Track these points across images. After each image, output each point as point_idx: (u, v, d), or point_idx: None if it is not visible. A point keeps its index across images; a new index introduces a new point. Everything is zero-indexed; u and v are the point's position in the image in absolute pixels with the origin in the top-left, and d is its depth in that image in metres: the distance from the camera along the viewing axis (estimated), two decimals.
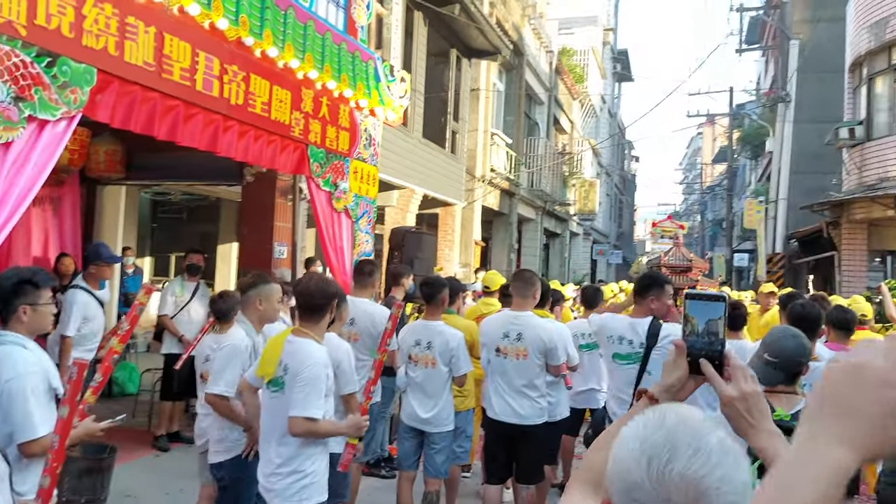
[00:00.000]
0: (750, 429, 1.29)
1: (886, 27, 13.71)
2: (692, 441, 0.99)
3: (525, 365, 4.68)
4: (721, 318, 1.39)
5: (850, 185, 15.13)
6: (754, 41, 27.39)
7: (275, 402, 3.32)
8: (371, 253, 6.87)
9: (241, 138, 5.18)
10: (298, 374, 3.21)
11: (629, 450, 1.02)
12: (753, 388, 1.34)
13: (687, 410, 1.08)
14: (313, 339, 3.34)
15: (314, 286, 3.43)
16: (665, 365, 1.44)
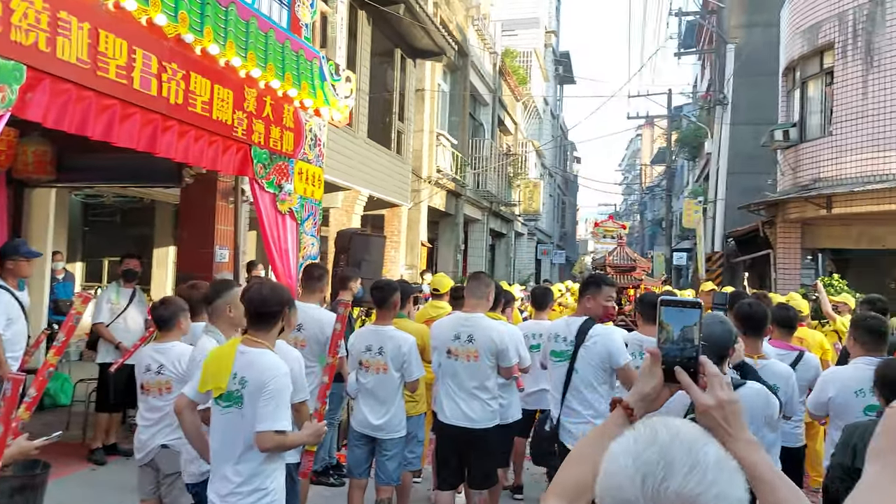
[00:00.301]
0: (728, 437, 1.25)
1: (818, 32, 14.15)
2: (687, 457, 0.95)
3: (476, 367, 4.62)
4: (696, 324, 1.35)
5: (784, 185, 15.57)
6: (692, 45, 28.01)
7: (229, 419, 3.13)
8: (317, 256, 6.72)
9: (181, 138, 4.98)
10: (264, 387, 3.04)
11: (622, 466, 0.97)
12: (730, 395, 1.30)
13: (679, 424, 1.04)
14: (268, 349, 3.19)
15: (267, 292, 3.25)
16: (640, 373, 1.40)
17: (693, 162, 31.33)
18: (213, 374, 3.17)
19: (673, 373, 1.34)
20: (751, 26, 20.91)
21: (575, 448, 1.43)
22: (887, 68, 12.64)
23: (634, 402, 1.37)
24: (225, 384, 3.11)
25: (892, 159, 12.51)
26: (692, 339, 1.34)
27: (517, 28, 28.48)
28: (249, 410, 3.07)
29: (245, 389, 3.08)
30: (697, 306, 1.36)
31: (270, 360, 3.13)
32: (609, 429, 1.36)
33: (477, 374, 4.63)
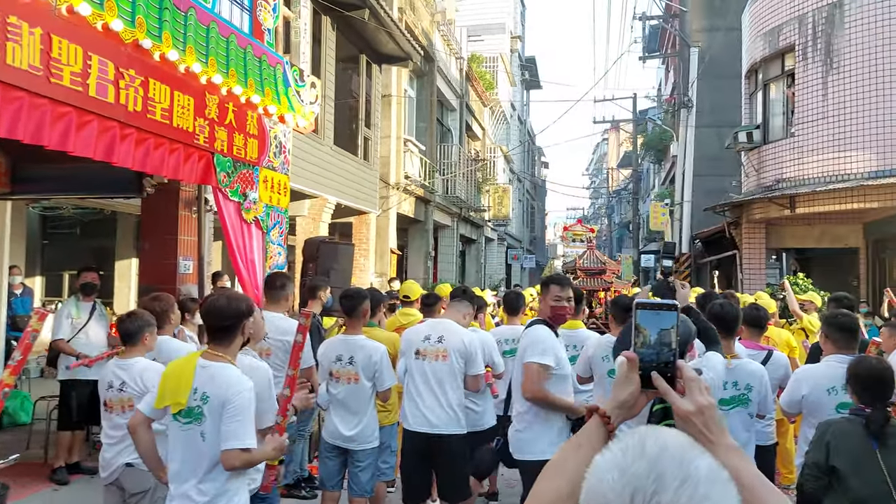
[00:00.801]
0: (708, 444, 1.20)
1: (779, 35, 14.37)
2: (678, 470, 0.90)
3: (445, 368, 4.58)
4: (673, 327, 1.30)
5: (749, 186, 15.77)
6: (656, 49, 28.32)
7: (189, 435, 3.01)
8: (284, 265, 6.59)
9: (140, 147, 4.83)
10: (228, 403, 2.92)
11: (608, 481, 0.92)
12: (710, 400, 1.26)
13: (667, 434, 0.99)
14: (229, 363, 3.07)
15: (223, 304, 3.11)
16: (617, 380, 1.34)
17: (659, 165, 31.67)
18: (172, 389, 3.04)
19: (650, 378, 1.29)
20: (712, 30, 21.19)
21: (552, 459, 1.36)
22: (846, 70, 12.87)
23: (611, 409, 1.32)
24: (185, 399, 2.98)
25: (853, 159, 12.72)
26: (669, 342, 1.30)
27: (483, 33, 28.57)
28: (211, 427, 2.95)
29: (206, 405, 2.96)
30: (674, 308, 1.31)
31: (233, 375, 3.01)
32: (587, 439, 1.30)
33: (445, 375, 4.57)
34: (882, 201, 12.44)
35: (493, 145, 28.02)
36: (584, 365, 4.99)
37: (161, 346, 4.37)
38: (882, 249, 14.79)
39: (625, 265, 31.66)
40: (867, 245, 15.18)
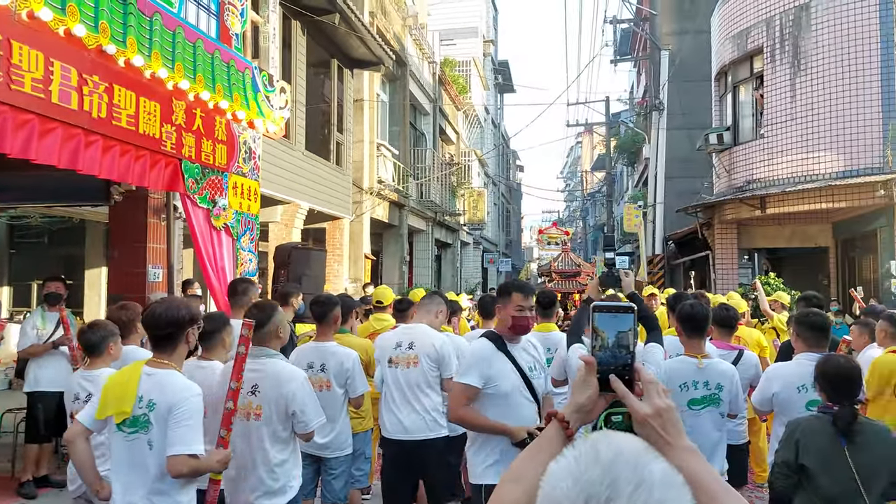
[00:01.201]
0: (667, 446, 1.20)
1: (748, 38, 14.55)
2: (632, 475, 0.90)
3: (416, 373, 4.56)
4: (631, 329, 1.30)
5: (720, 187, 15.94)
6: (627, 52, 28.56)
7: (134, 445, 2.93)
8: (255, 272, 6.53)
9: (105, 154, 4.76)
10: (175, 408, 2.88)
11: (563, 488, 0.91)
12: (668, 402, 1.25)
13: (621, 439, 0.98)
14: (175, 370, 3.02)
15: (161, 312, 3.03)
16: (575, 384, 1.33)
17: (632, 167, 31.92)
18: (116, 398, 2.96)
19: (608, 381, 1.29)
20: (682, 33, 21.42)
21: (512, 465, 1.35)
22: (813, 71, 13.06)
23: (570, 413, 1.31)
24: (130, 408, 2.92)
25: (821, 160, 12.91)
26: (627, 345, 1.30)
27: (455, 38, 28.62)
28: (158, 435, 2.89)
29: (153, 413, 2.91)
30: (631, 311, 1.31)
31: (180, 381, 2.97)
32: (545, 445, 1.29)
33: (418, 381, 4.56)
34: (850, 201, 12.63)
35: (468, 149, 28.06)
36: (559, 367, 4.98)
37: (128, 356, 4.29)
38: (851, 248, 15.01)
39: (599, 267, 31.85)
40: (836, 244, 15.40)
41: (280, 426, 3.56)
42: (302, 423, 3.57)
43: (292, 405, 3.52)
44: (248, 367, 3.46)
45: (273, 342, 3.69)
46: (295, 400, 3.52)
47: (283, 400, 3.53)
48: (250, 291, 4.86)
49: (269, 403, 3.54)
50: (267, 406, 3.54)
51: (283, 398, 3.52)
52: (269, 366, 3.60)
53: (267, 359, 3.61)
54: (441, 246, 24.26)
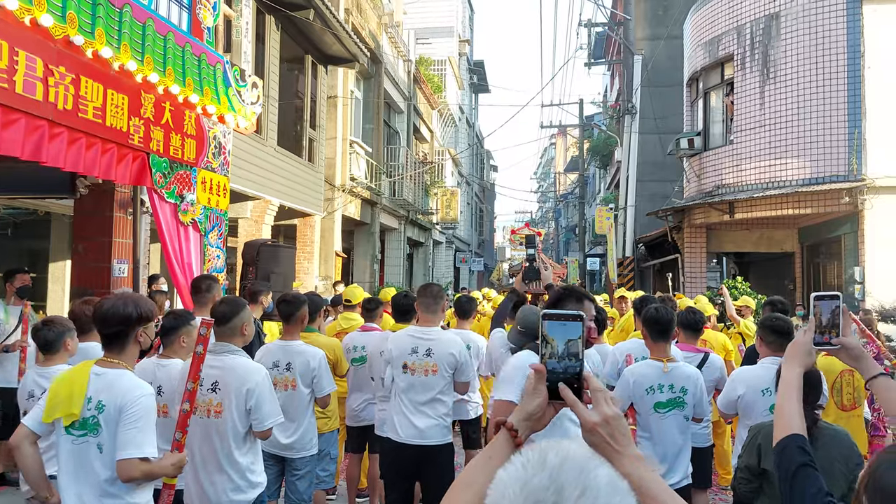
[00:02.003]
0: (615, 454, 1.21)
1: (719, 45, 14.73)
2: (578, 481, 0.91)
3: (434, 381, 4.52)
4: (580, 337, 1.31)
5: (690, 192, 16.11)
6: (601, 56, 28.73)
7: (83, 449, 2.82)
8: (223, 269, 6.46)
9: (71, 146, 4.68)
10: (126, 410, 2.77)
11: (510, 495, 0.92)
12: (615, 410, 1.27)
13: (569, 446, 0.99)
14: (126, 369, 2.91)
15: (106, 309, 2.88)
16: (524, 392, 1.34)
17: (604, 170, 32.13)
18: (63, 400, 2.83)
19: (557, 390, 1.29)
20: (656, 38, 21.62)
21: (461, 474, 1.36)
22: (782, 79, 13.26)
23: (519, 422, 1.31)
24: (78, 410, 2.80)
25: (788, 167, 13.11)
26: (577, 353, 1.30)
27: (431, 37, 28.59)
28: (108, 438, 2.79)
29: (102, 415, 2.80)
30: (579, 319, 1.31)
31: (131, 380, 2.86)
32: (495, 452, 1.29)
33: (434, 388, 4.53)
34: (815, 207, 12.85)
35: (442, 148, 28.05)
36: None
37: (88, 352, 4.21)
38: (816, 254, 15.27)
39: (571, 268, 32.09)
40: (802, 249, 15.66)
41: (240, 423, 3.52)
42: (257, 420, 3.52)
43: (249, 401, 3.49)
44: (210, 363, 3.44)
45: (237, 339, 3.66)
46: (252, 395, 3.48)
47: (242, 396, 3.49)
48: (214, 289, 4.80)
49: (229, 400, 3.50)
50: (227, 402, 3.50)
51: (242, 394, 3.49)
52: (229, 362, 3.56)
53: (228, 355, 3.58)
54: (413, 245, 24.23)
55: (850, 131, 12.40)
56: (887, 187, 11.92)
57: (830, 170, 12.57)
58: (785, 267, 16.15)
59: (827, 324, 2.03)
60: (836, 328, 2.03)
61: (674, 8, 21.31)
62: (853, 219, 12.52)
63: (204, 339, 3.15)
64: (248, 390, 3.48)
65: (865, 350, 2.13)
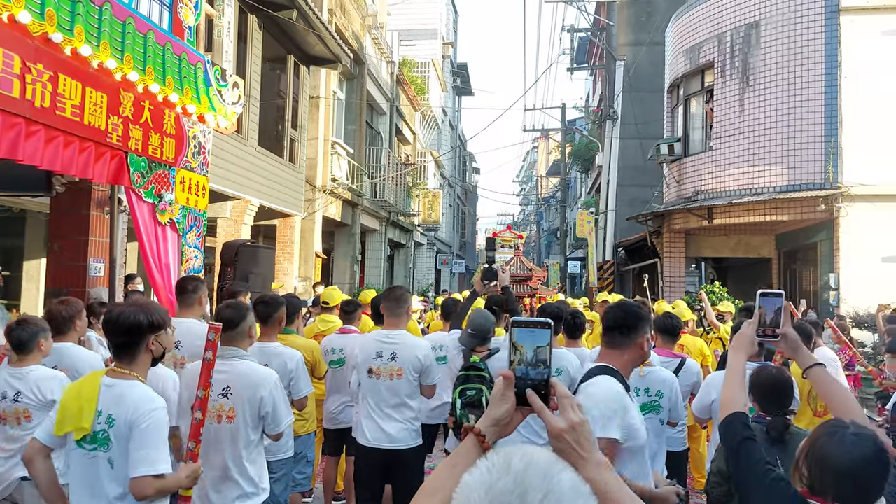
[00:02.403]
0: (580, 460, 1.24)
1: (700, 52, 14.88)
2: (542, 484, 0.94)
3: (399, 385, 4.53)
4: (548, 344, 1.34)
5: (669, 197, 16.25)
6: (584, 61, 28.90)
7: (94, 463, 2.71)
8: (201, 269, 6.42)
9: (48, 144, 4.63)
10: (136, 425, 2.66)
11: (475, 498, 0.94)
12: (581, 417, 1.30)
13: (533, 451, 1.01)
14: (138, 380, 2.80)
15: (118, 316, 2.79)
16: (492, 397, 1.36)
17: (586, 174, 32.31)
18: (74, 413, 2.73)
19: (525, 396, 1.32)
20: (638, 45, 21.79)
21: (427, 480, 1.38)
22: (761, 87, 13.42)
23: (486, 427, 1.33)
24: (89, 424, 2.69)
25: (766, 173, 13.27)
26: (545, 359, 1.33)
27: (415, 38, 28.60)
28: (118, 453, 2.69)
29: (112, 429, 2.69)
30: (548, 326, 1.34)
31: (142, 393, 2.75)
32: (461, 458, 1.31)
33: (400, 392, 4.54)
34: (792, 214, 13.02)
35: (424, 150, 28.06)
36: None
37: (63, 353, 4.18)
38: (792, 260, 15.46)
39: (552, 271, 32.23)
40: (779, 255, 15.85)
41: (252, 428, 3.50)
42: (273, 425, 3.52)
43: (265, 406, 3.47)
44: (219, 368, 3.39)
45: (244, 343, 3.65)
46: (267, 402, 3.47)
47: (256, 402, 3.47)
48: (200, 290, 4.76)
49: (241, 405, 3.47)
50: (240, 408, 3.47)
51: (257, 400, 3.47)
52: (239, 367, 3.54)
53: (238, 360, 3.57)
54: (394, 246, 24.21)
55: (826, 140, 12.58)
56: (862, 195, 12.10)
57: (807, 177, 12.74)
58: (762, 272, 16.33)
59: (771, 321, 2.25)
60: (779, 324, 2.25)
61: (656, 14, 21.49)
62: (829, 226, 12.70)
63: (213, 343, 3.07)
64: (262, 398, 3.47)
65: (802, 344, 2.38)
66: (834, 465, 1.90)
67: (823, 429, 2.03)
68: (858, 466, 1.86)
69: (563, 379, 4.77)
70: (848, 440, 1.93)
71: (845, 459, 1.89)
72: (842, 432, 1.96)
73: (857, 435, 1.94)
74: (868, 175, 12.07)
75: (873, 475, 1.88)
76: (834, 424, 2.04)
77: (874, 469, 1.88)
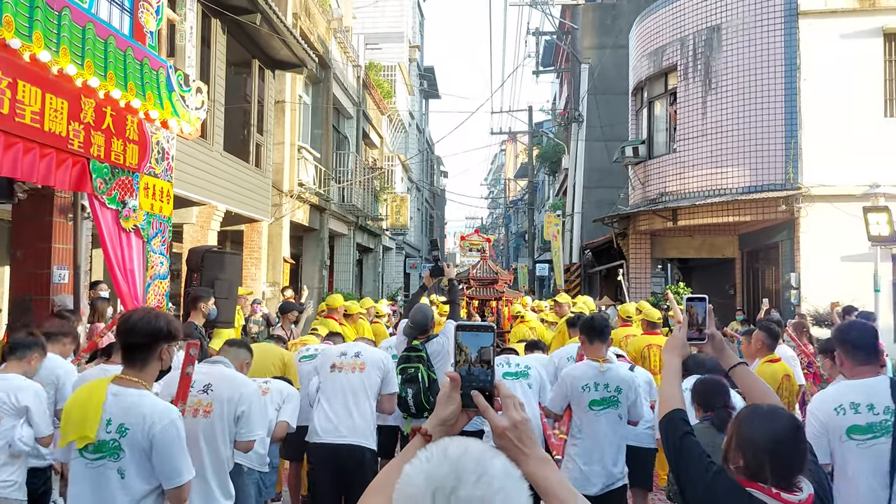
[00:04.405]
0: (522, 456, 1.31)
1: (663, 55, 15.09)
2: (476, 468, 1.01)
3: (362, 378, 4.55)
4: (491, 346, 1.40)
5: (635, 199, 16.45)
6: (550, 63, 29.14)
7: (100, 473, 2.64)
8: (166, 275, 6.37)
9: (6, 151, 4.58)
10: (158, 439, 2.62)
11: (415, 485, 1.01)
12: (523, 415, 1.36)
13: (468, 441, 1.09)
14: (146, 389, 2.74)
15: (136, 321, 2.74)
16: (439, 398, 1.42)
17: (553, 176, 32.56)
18: (77, 421, 2.65)
19: (471, 397, 1.37)
20: (602, 48, 22.01)
21: (375, 478, 1.46)
22: (724, 90, 13.65)
23: (433, 427, 1.40)
24: (93, 433, 2.62)
25: (729, 175, 13.50)
26: (489, 360, 1.39)
27: (381, 42, 28.58)
28: (131, 465, 2.64)
29: (124, 439, 2.63)
30: (490, 329, 1.41)
31: (155, 404, 2.71)
32: (409, 456, 1.37)
33: (359, 388, 4.55)
34: (754, 215, 13.26)
35: (392, 154, 28.04)
36: None
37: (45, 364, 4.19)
38: (755, 260, 15.74)
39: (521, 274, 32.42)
40: (742, 256, 16.12)
41: (227, 427, 3.52)
42: (245, 430, 3.54)
43: (241, 406, 3.51)
44: (200, 369, 3.51)
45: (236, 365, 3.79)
46: (243, 402, 3.52)
47: (233, 402, 3.51)
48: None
49: (220, 402, 3.51)
50: (218, 404, 3.51)
51: (234, 401, 3.51)
52: (221, 371, 3.62)
53: (221, 365, 3.67)
54: (363, 250, 24.16)
55: (787, 141, 12.84)
56: (821, 196, 12.37)
57: (768, 178, 12.99)
58: (726, 272, 16.60)
59: (701, 321, 2.40)
60: (705, 325, 2.41)
61: (621, 17, 21.74)
62: (790, 226, 12.96)
63: (192, 359, 3.11)
64: (240, 395, 3.54)
65: (728, 343, 2.56)
66: (760, 440, 2.00)
67: (743, 413, 2.16)
68: (780, 437, 1.98)
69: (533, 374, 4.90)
70: (766, 415, 2.06)
71: (767, 432, 2.00)
72: (758, 410, 2.11)
73: (772, 410, 2.09)
74: (827, 176, 12.35)
75: (794, 443, 2.00)
76: (750, 407, 2.21)
77: (793, 435, 2.00)
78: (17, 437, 3.85)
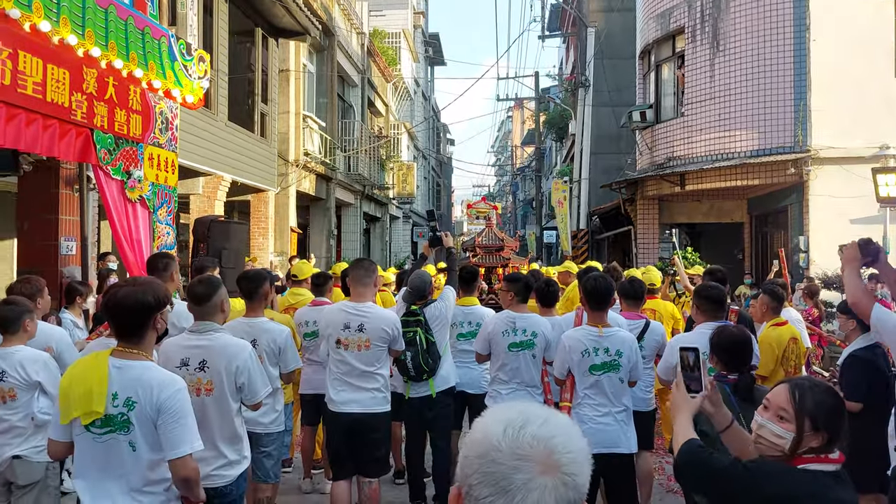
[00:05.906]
0: None
1: (670, 17, 14.88)
2: (543, 413, 1.12)
3: (367, 356, 4.57)
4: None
5: (643, 164, 16.35)
6: (556, 28, 28.78)
7: (110, 446, 2.63)
8: (174, 245, 6.40)
9: (9, 122, 4.57)
10: (165, 408, 2.62)
11: (486, 424, 1.12)
12: None
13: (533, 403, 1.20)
14: (149, 360, 2.75)
15: (120, 298, 2.69)
16: None
17: (560, 143, 32.34)
18: (80, 397, 2.61)
19: None
20: (609, 11, 21.69)
21: None
22: (732, 52, 13.48)
23: None
24: (101, 407, 2.60)
25: (737, 138, 13.39)
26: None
27: (385, 9, 28.28)
28: (141, 437, 2.63)
29: (133, 412, 2.61)
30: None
31: (161, 374, 2.71)
32: None
33: (368, 363, 4.58)
34: (763, 178, 13.17)
35: (397, 122, 27.90)
36: (484, 342, 5.14)
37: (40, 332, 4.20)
38: (763, 224, 15.66)
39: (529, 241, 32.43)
40: (750, 220, 16.04)
41: (231, 399, 3.55)
42: (250, 395, 3.57)
43: (240, 377, 3.52)
44: (194, 342, 3.53)
45: (217, 316, 3.66)
46: (242, 372, 3.52)
47: (231, 374, 3.51)
48: (171, 266, 4.74)
49: (219, 377, 3.51)
50: (218, 380, 3.51)
51: (232, 372, 3.51)
52: (214, 340, 3.57)
53: (213, 333, 3.60)
54: (370, 219, 24.17)
55: (796, 103, 12.70)
56: (831, 158, 12.26)
57: (777, 141, 12.88)
58: (734, 237, 16.53)
59: (693, 364, 2.47)
60: (700, 371, 2.47)
61: None
62: (799, 189, 12.86)
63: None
64: (237, 367, 3.50)
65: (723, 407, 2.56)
66: None
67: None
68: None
69: (538, 342, 4.92)
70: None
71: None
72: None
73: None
74: (836, 138, 12.22)
75: None
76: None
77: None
78: (37, 409, 3.91)
